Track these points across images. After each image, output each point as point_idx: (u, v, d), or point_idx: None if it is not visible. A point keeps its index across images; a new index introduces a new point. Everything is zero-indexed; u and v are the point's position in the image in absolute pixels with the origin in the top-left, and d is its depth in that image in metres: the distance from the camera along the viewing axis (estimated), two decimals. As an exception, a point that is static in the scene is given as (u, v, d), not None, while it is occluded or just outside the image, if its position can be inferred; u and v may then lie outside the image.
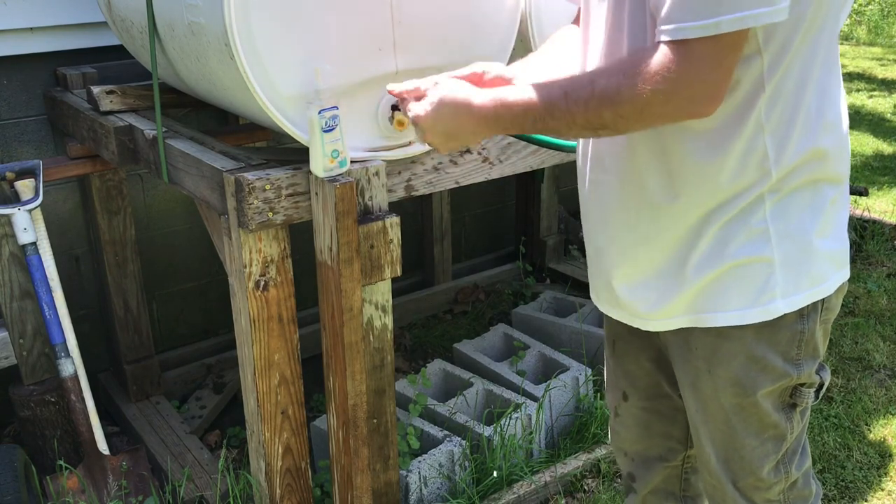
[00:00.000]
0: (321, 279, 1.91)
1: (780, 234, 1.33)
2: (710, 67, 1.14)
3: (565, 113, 1.26)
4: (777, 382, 1.42)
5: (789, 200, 1.33)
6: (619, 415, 1.76)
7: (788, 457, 1.52)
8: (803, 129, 1.30)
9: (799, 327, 1.39)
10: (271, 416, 1.98)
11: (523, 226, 4.00)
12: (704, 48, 1.13)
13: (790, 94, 1.27)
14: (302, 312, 2.15)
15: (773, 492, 1.54)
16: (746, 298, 1.36)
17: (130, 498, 2.47)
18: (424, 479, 2.38)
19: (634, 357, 1.66)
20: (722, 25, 1.11)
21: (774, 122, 1.28)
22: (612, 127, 1.24)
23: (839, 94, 1.36)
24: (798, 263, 1.35)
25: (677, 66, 1.14)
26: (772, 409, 1.45)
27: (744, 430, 1.47)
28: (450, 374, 2.86)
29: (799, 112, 1.29)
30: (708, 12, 1.11)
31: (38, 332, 2.57)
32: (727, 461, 1.52)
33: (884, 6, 10.73)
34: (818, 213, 1.35)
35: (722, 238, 1.34)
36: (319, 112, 1.71)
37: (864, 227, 4.32)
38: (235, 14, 1.66)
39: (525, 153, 2.22)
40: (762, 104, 1.26)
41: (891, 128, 6.62)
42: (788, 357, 1.40)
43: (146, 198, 3.01)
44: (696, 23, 1.11)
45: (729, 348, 1.41)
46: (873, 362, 3.24)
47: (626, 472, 1.83)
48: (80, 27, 2.71)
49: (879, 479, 2.60)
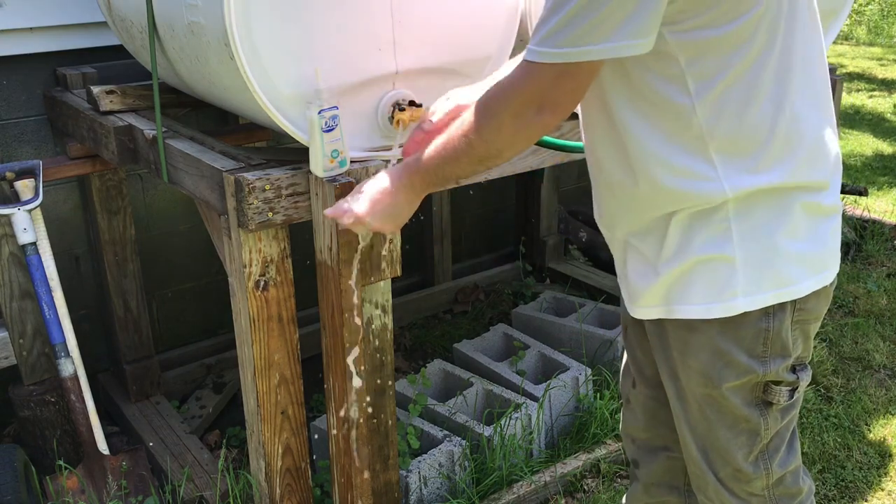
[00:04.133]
0: (321, 279, 1.91)
1: (743, 234, 1.36)
2: (549, 86, 1.26)
3: (451, 157, 1.38)
4: (742, 378, 1.44)
5: (753, 203, 1.35)
6: (629, 402, 1.80)
7: (769, 453, 1.54)
8: (758, 145, 1.32)
9: (763, 325, 1.41)
10: (271, 416, 1.98)
11: (523, 226, 4.00)
12: (544, 71, 1.25)
13: (733, 114, 1.30)
14: (302, 312, 2.15)
15: (755, 486, 1.56)
16: (710, 294, 1.39)
17: (130, 498, 2.47)
18: (424, 479, 2.38)
19: (640, 344, 1.70)
20: (569, 55, 1.21)
21: (720, 139, 1.31)
22: (490, 154, 1.36)
23: (808, 105, 1.36)
24: (761, 264, 1.37)
25: (523, 81, 1.27)
26: (741, 403, 1.47)
27: (717, 421, 1.50)
28: (450, 374, 2.86)
29: (749, 129, 1.31)
30: (557, 42, 1.21)
31: (37, 332, 2.56)
32: (706, 451, 1.56)
33: (884, 6, 10.73)
34: (785, 216, 1.36)
35: (687, 231, 1.38)
36: (319, 112, 1.71)
37: (864, 227, 4.32)
38: (235, 14, 1.65)
39: (525, 153, 2.21)
40: (700, 121, 1.30)
41: (891, 128, 6.63)
42: (753, 353, 1.43)
43: (146, 198, 3.01)
44: (544, 48, 1.23)
45: (697, 341, 1.44)
46: (873, 362, 3.24)
47: (632, 458, 1.86)
48: (80, 27, 2.71)
49: (879, 479, 2.60)
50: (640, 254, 1.46)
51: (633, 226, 1.45)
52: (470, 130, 1.34)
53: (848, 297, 3.74)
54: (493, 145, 1.34)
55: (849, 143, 6.19)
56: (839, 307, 3.66)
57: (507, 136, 1.32)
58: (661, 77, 1.29)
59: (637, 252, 1.47)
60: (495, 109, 1.31)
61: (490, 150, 1.35)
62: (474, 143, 1.35)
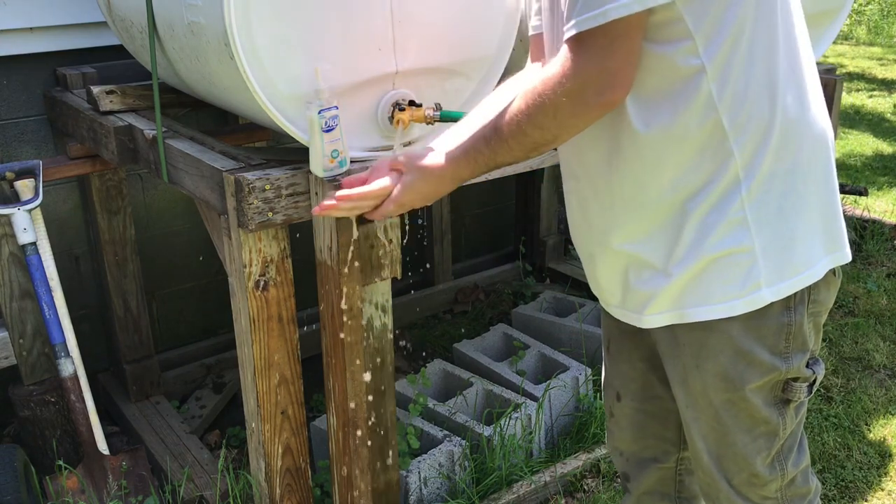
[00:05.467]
0: (321, 279, 1.91)
1: (759, 222, 1.33)
2: (602, 56, 1.21)
3: (499, 143, 1.35)
4: (765, 376, 1.42)
5: (766, 184, 1.32)
6: (613, 415, 1.77)
7: (784, 453, 1.52)
8: (767, 103, 1.29)
9: (785, 319, 1.38)
10: (271, 416, 1.98)
11: (523, 226, 4.00)
12: (595, 39, 1.21)
13: (741, 72, 1.27)
14: (302, 312, 2.15)
15: (770, 489, 1.53)
16: (730, 290, 1.36)
17: (130, 498, 2.47)
18: (424, 479, 2.38)
19: (627, 357, 1.67)
20: (609, 13, 1.18)
21: (728, 102, 1.28)
22: (543, 140, 1.31)
23: (811, 73, 1.35)
24: (780, 250, 1.34)
25: (573, 62, 1.23)
26: (762, 403, 1.44)
27: (735, 426, 1.47)
28: (450, 374, 2.86)
29: (757, 86, 1.28)
30: (595, 4, 1.18)
31: (37, 332, 2.56)
32: (720, 458, 1.52)
33: (884, 6, 10.73)
34: (799, 195, 1.34)
35: (702, 231, 1.34)
36: (319, 112, 1.71)
37: (864, 227, 4.32)
38: (235, 14, 1.65)
39: (525, 153, 2.21)
40: (709, 84, 1.27)
41: (891, 128, 6.62)
42: (776, 350, 1.40)
43: (146, 198, 3.01)
44: (584, 15, 1.19)
45: (715, 342, 1.40)
46: (873, 362, 3.24)
47: (622, 471, 1.84)
48: (80, 27, 2.71)
49: (879, 479, 2.60)
50: (642, 261, 1.41)
51: (632, 232, 1.40)
52: (523, 120, 1.30)
53: (848, 297, 3.74)
54: (549, 132, 1.30)
55: (849, 143, 6.19)
56: (839, 307, 3.66)
57: (565, 121, 1.27)
58: (666, 42, 1.25)
59: (638, 260, 1.42)
60: (550, 98, 1.25)
61: (546, 136, 1.31)
62: (528, 132, 1.31)
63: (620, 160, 1.37)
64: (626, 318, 1.51)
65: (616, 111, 1.32)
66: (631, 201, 1.38)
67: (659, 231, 1.37)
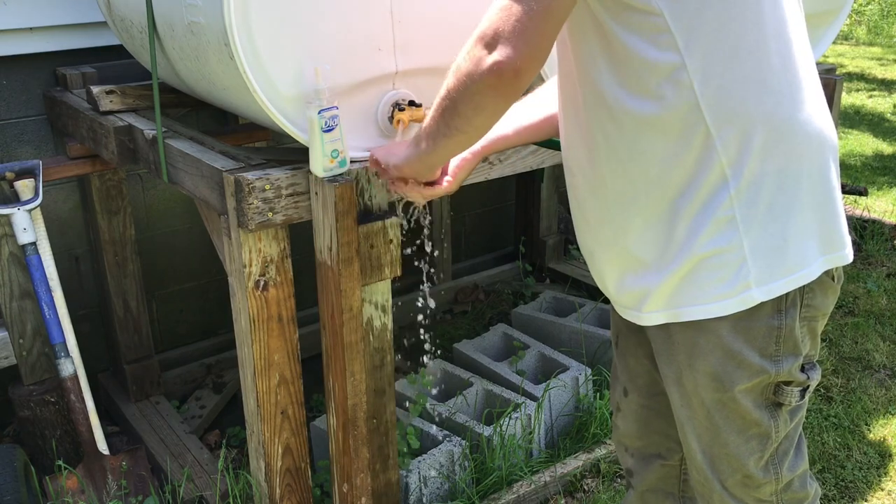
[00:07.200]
0: (321, 279, 1.91)
1: (748, 221, 1.32)
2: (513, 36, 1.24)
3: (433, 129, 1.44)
4: (754, 378, 1.41)
5: (756, 183, 1.31)
6: (620, 410, 1.78)
7: (779, 457, 1.51)
8: (753, 101, 1.29)
9: (776, 322, 1.38)
10: (271, 416, 1.98)
11: (523, 226, 4.00)
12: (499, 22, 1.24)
13: (724, 69, 1.27)
14: (302, 312, 2.15)
15: (764, 492, 1.53)
16: (721, 290, 1.35)
17: (130, 498, 2.47)
18: (424, 479, 2.38)
19: (634, 352, 1.68)
20: None
21: (710, 97, 1.27)
22: (462, 127, 1.39)
23: (808, 73, 1.35)
24: (771, 250, 1.34)
25: (475, 44, 1.29)
26: (752, 406, 1.44)
27: (726, 427, 1.47)
28: (450, 374, 2.86)
29: (743, 84, 1.28)
30: None
31: (37, 332, 2.56)
32: (713, 459, 1.52)
33: (884, 6, 10.73)
34: (791, 195, 1.33)
35: (692, 229, 1.34)
36: (319, 112, 1.71)
37: (864, 227, 4.32)
38: (235, 14, 1.66)
39: (525, 153, 2.21)
40: (690, 78, 1.26)
41: (890, 128, 6.63)
42: (766, 353, 1.39)
43: (146, 198, 3.01)
44: None
45: (706, 342, 1.40)
46: (873, 362, 3.24)
47: (626, 467, 1.84)
48: (79, 27, 2.71)
49: (879, 479, 2.60)
50: (637, 258, 1.41)
51: (626, 228, 1.41)
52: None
53: (848, 297, 3.74)
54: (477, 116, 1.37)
55: (849, 143, 6.19)
56: (839, 307, 3.66)
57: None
58: (641, 34, 1.26)
59: (633, 257, 1.42)
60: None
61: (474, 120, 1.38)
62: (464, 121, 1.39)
63: (609, 152, 1.37)
64: (627, 316, 1.52)
65: (602, 103, 1.33)
66: (622, 196, 1.39)
67: (651, 228, 1.38)
